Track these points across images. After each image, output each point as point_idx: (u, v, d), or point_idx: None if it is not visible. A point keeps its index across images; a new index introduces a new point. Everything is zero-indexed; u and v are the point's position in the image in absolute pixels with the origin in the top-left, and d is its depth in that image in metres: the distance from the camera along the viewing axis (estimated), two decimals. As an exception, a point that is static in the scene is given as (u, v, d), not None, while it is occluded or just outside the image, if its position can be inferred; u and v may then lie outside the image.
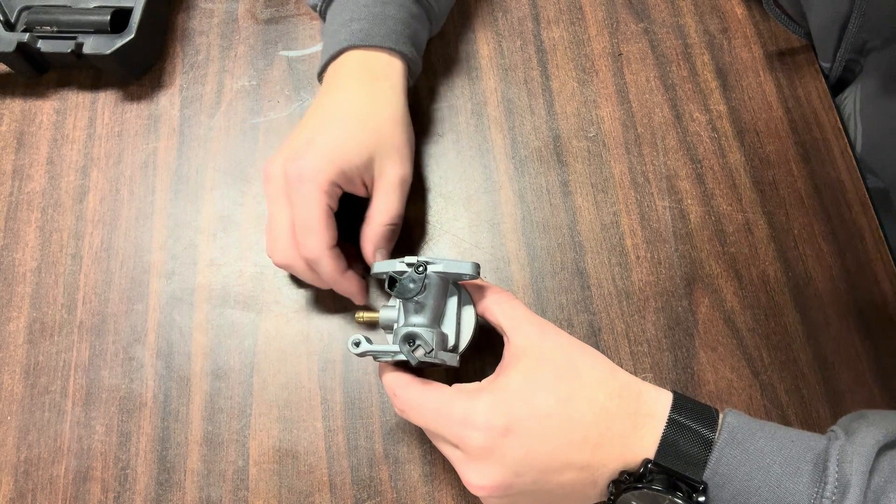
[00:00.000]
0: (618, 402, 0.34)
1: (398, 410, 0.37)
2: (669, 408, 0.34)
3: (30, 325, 0.48)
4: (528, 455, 0.33)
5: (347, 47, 0.46)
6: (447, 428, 0.34)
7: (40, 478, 0.44)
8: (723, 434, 0.33)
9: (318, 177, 0.41)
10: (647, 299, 0.47)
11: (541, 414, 0.33)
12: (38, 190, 0.52)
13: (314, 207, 0.41)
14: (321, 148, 0.42)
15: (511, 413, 0.33)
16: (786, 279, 0.47)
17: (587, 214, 0.50)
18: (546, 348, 0.36)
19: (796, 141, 0.51)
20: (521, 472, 0.33)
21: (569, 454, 0.33)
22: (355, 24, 0.46)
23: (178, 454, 0.44)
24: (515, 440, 0.33)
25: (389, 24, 0.46)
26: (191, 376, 0.46)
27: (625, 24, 0.55)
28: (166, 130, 0.53)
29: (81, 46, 0.51)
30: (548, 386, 0.34)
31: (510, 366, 0.35)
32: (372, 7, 0.46)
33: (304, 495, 0.43)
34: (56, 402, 0.46)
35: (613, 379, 0.35)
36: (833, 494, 0.30)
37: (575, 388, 0.34)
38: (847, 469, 0.30)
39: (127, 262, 0.50)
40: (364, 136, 0.43)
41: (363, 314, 0.43)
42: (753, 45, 0.54)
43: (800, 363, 0.45)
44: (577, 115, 0.52)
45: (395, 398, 0.37)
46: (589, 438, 0.33)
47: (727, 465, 0.32)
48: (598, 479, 0.34)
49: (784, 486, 0.31)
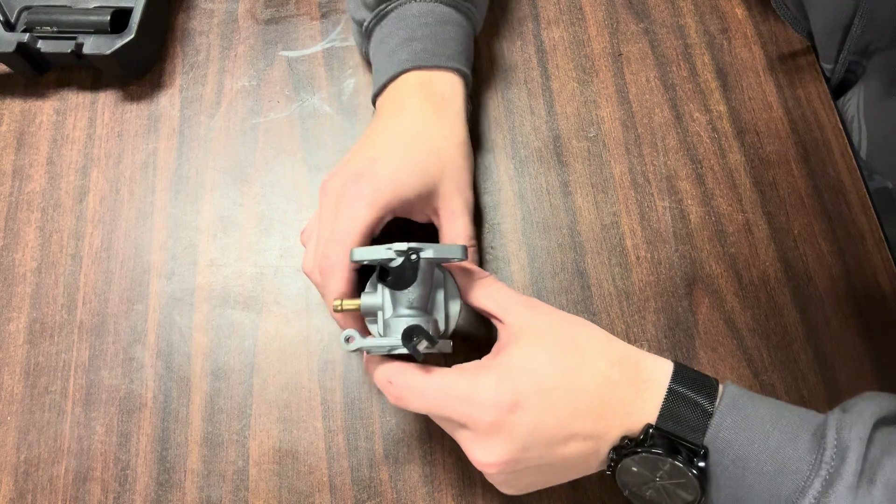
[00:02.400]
0: (619, 369, 0.34)
1: (394, 398, 0.36)
2: (670, 375, 0.34)
3: (30, 325, 0.48)
4: (536, 429, 0.33)
5: (411, 68, 0.44)
6: (453, 408, 0.34)
7: (40, 478, 0.44)
8: (724, 401, 0.33)
9: (375, 196, 0.39)
10: (647, 300, 0.47)
11: (546, 387, 0.33)
12: (38, 190, 0.52)
13: (356, 222, 0.39)
14: (385, 169, 0.40)
15: (517, 388, 0.33)
16: (786, 279, 0.47)
17: (587, 215, 0.49)
18: (542, 324, 0.36)
19: (796, 141, 0.51)
20: (530, 446, 0.33)
21: (574, 425, 0.33)
22: (417, 44, 0.44)
23: (178, 454, 0.44)
24: (523, 415, 0.33)
25: (452, 45, 0.45)
26: (191, 376, 0.46)
27: (625, 25, 0.55)
28: (166, 130, 0.53)
29: (81, 46, 0.51)
30: (550, 359, 0.34)
31: (509, 344, 0.35)
32: (433, 27, 0.45)
33: (304, 496, 0.43)
34: (56, 403, 0.46)
35: (612, 348, 0.35)
36: (832, 459, 0.30)
37: (576, 359, 0.35)
38: (846, 436, 0.31)
39: (127, 263, 0.50)
40: (429, 165, 0.42)
41: (342, 302, 0.39)
42: (754, 46, 0.54)
43: (800, 363, 0.45)
44: (577, 115, 0.52)
45: (391, 386, 0.36)
46: (593, 408, 0.33)
47: (728, 431, 0.32)
48: (600, 448, 0.34)
49: (784, 452, 0.31)
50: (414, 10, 0.45)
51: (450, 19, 0.46)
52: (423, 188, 0.41)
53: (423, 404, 0.35)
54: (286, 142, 0.53)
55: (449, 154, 0.43)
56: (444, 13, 0.46)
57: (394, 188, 0.40)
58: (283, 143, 0.53)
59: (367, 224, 0.39)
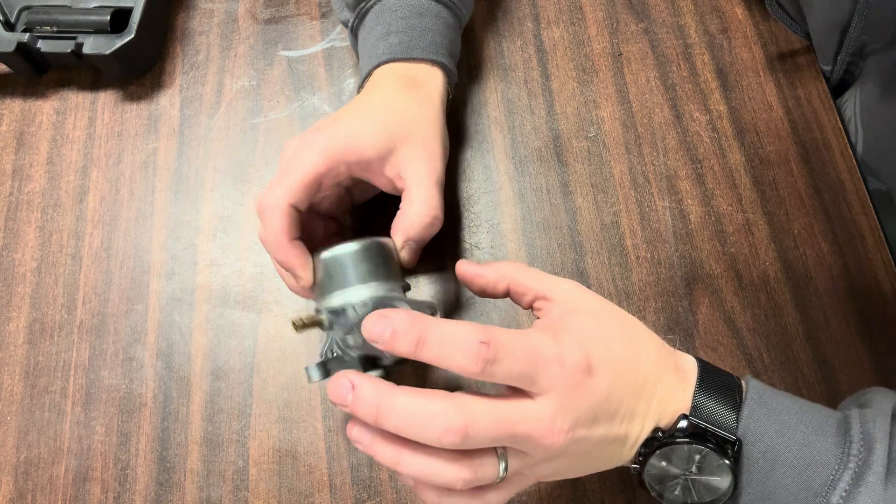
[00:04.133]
0: (665, 354, 0.34)
1: (484, 364, 0.29)
2: (696, 368, 0.34)
3: (30, 325, 0.48)
4: (608, 397, 0.32)
5: (386, 60, 0.44)
6: (544, 369, 0.30)
7: (40, 478, 0.44)
8: (749, 393, 0.33)
9: (328, 143, 0.39)
10: (647, 299, 0.47)
11: (617, 356, 0.33)
12: (38, 190, 0.52)
13: (303, 167, 0.38)
14: (342, 127, 0.40)
15: (594, 352, 0.32)
16: (786, 279, 0.47)
17: (587, 214, 0.49)
18: (594, 300, 0.35)
19: (796, 141, 0.51)
20: (598, 417, 0.31)
21: (633, 402, 0.33)
22: (393, 38, 0.44)
23: (178, 454, 0.44)
24: (598, 381, 0.31)
25: (429, 37, 0.45)
26: (191, 376, 0.46)
27: (625, 24, 0.55)
28: (166, 130, 0.53)
29: (81, 46, 0.51)
30: (616, 330, 0.34)
31: (568, 315, 0.34)
32: (410, 19, 0.45)
33: (304, 495, 0.43)
34: (56, 403, 0.46)
35: (653, 335, 0.35)
36: (860, 452, 0.31)
37: (635, 336, 0.34)
38: (870, 428, 0.31)
39: (127, 263, 0.50)
40: (391, 125, 0.41)
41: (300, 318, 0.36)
42: (753, 46, 0.54)
43: (800, 363, 0.45)
44: (577, 115, 0.52)
45: (486, 347, 0.29)
46: (646, 388, 0.33)
47: (757, 423, 0.32)
48: (640, 436, 0.33)
49: (812, 445, 0.32)
50: (391, 4, 0.45)
51: (428, 10, 0.46)
52: (384, 146, 0.40)
53: (519, 364, 0.30)
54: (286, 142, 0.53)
55: (416, 123, 0.42)
56: (422, 5, 0.46)
57: (350, 140, 0.39)
58: (283, 143, 0.53)
59: (316, 170, 0.38)
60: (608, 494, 0.43)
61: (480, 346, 0.29)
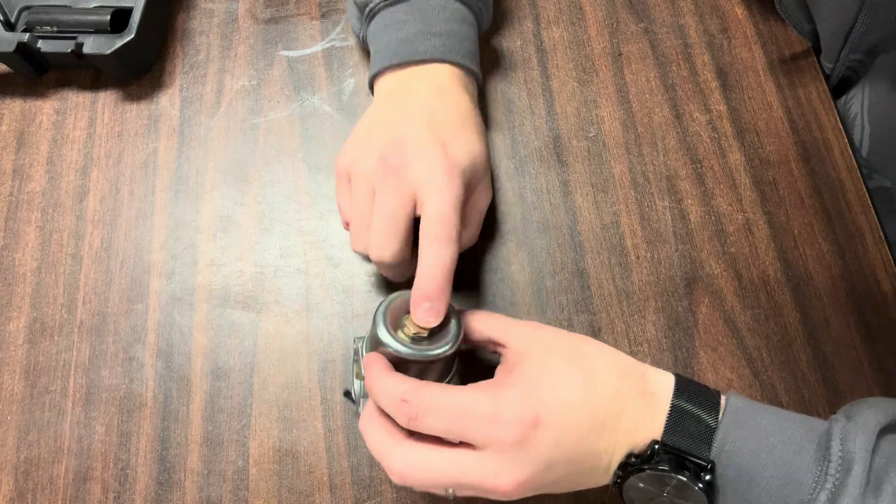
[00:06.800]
0: (628, 382, 0.34)
1: (407, 420, 0.33)
2: (672, 388, 0.34)
3: (30, 325, 0.48)
4: (559, 445, 0.32)
5: (429, 59, 0.43)
6: (477, 428, 0.32)
7: (40, 478, 0.44)
8: (727, 413, 0.33)
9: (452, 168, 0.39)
10: (647, 299, 0.47)
11: (566, 401, 0.33)
12: (38, 190, 0.52)
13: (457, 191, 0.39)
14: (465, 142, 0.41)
15: (540, 403, 0.32)
16: (786, 279, 0.47)
17: (587, 214, 0.50)
18: (547, 340, 0.35)
19: (796, 141, 0.51)
20: (553, 464, 0.32)
21: (592, 440, 0.33)
22: (436, 39, 0.43)
23: (178, 454, 0.45)
24: (545, 431, 0.32)
25: (466, 45, 0.45)
26: (191, 376, 0.46)
27: (625, 24, 0.55)
28: (166, 130, 0.53)
29: (81, 46, 0.51)
30: (566, 374, 0.34)
31: (519, 363, 0.35)
32: (451, 23, 0.44)
33: (305, 495, 0.43)
34: (56, 402, 0.46)
35: (618, 360, 0.35)
36: (837, 472, 0.30)
37: (589, 372, 0.34)
38: (850, 447, 0.30)
39: (127, 262, 0.50)
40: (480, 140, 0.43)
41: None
42: (753, 46, 0.54)
43: (800, 363, 0.45)
44: (577, 115, 0.52)
45: (406, 405, 0.32)
46: (607, 423, 0.33)
47: (732, 444, 0.32)
48: (611, 464, 0.33)
49: (789, 464, 0.31)
50: (433, 2, 0.45)
51: (465, 18, 0.46)
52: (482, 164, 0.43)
53: (441, 424, 0.32)
54: (286, 142, 0.53)
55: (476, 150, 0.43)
56: (460, 11, 0.45)
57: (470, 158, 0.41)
58: (283, 143, 0.53)
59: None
60: (608, 495, 0.43)
61: (401, 404, 0.33)
